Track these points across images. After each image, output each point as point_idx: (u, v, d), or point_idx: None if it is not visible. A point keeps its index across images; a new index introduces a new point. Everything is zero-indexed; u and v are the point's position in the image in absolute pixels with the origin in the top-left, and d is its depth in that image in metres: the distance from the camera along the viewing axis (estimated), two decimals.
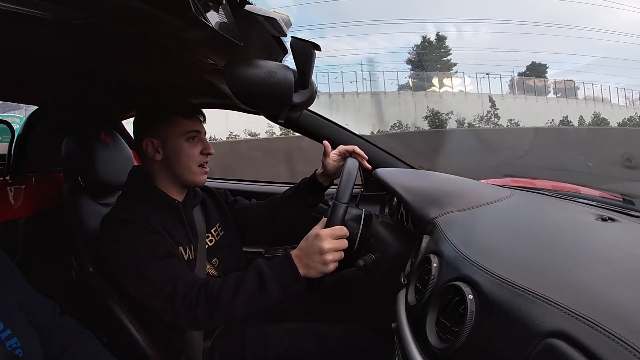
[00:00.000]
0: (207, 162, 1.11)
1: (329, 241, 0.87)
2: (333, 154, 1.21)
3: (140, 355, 1.06)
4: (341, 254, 0.89)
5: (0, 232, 1.38)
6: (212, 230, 1.18)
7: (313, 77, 0.92)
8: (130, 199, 1.06)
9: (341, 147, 1.21)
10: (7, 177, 1.50)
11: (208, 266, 1.11)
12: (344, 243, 0.89)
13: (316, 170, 1.27)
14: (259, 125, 14.54)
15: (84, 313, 1.18)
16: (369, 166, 1.18)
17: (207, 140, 1.13)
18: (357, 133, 1.61)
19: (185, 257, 1.04)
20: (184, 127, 1.06)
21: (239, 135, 14.68)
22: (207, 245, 1.14)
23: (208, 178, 1.15)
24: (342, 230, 0.89)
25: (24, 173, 1.50)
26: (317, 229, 0.90)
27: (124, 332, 1.06)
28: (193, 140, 1.08)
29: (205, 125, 1.14)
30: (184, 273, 0.95)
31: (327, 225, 0.90)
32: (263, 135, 14.50)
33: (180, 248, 1.03)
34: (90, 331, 1.00)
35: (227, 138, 14.22)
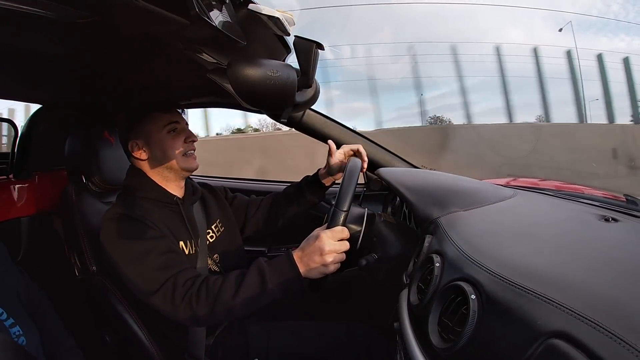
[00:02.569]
0: (193, 150, 1.12)
1: (329, 243, 0.87)
2: (338, 153, 1.21)
3: (143, 353, 1.06)
4: (342, 256, 0.89)
5: (4, 230, 1.38)
6: (213, 227, 1.19)
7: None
8: (130, 196, 1.07)
9: (346, 147, 1.21)
10: (11, 176, 1.50)
11: (209, 262, 1.12)
12: (345, 245, 0.89)
13: (319, 169, 1.27)
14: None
15: (87, 311, 1.19)
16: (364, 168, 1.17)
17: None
18: (360, 132, 1.61)
19: (187, 252, 1.04)
20: (162, 121, 1.08)
21: None
22: (208, 242, 1.14)
23: (207, 177, 1.15)
24: (343, 232, 0.90)
25: (27, 171, 1.51)
26: (319, 230, 0.91)
27: (127, 330, 1.06)
28: (174, 132, 1.09)
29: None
30: (184, 269, 0.95)
31: (328, 227, 0.90)
32: None
33: (181, 243, 1.04)
34: (94, 329, 1.01)
35: None
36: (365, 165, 1.15)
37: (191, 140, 1.11)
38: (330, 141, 1.23)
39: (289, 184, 1.39)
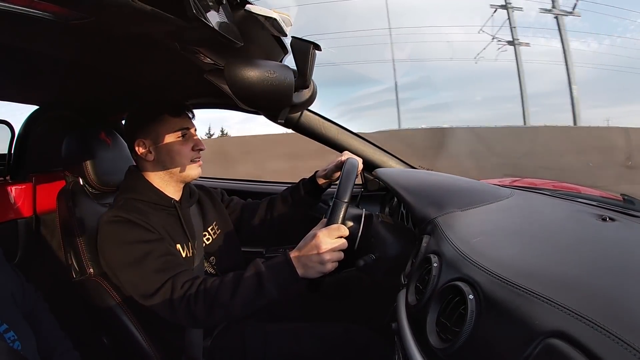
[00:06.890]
0: (199, 157, 1.12)
1: (326, 241, 0.87)
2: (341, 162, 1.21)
3: (141, 355, 1.06)
4: (340, 254, 0.89)
5: (1, 231, 1.38)
6: (209, 229, 1.19)
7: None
8: (127, 198, 1.06)
9: (347, 154, 1.21)
10: (8, 177, 1.50)
11: (206, 264, 1.12)
12: (343, 243, 0.89)
13: (317, 171, 1.27)
14: None
15: (84, 313, 1.18)
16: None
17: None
18: (357, 133, 1.61)
19: (184, 255, 1.04)
20: (174, 125, 1.07)
21: None
22: (204, 244, 1.14)
23: (204, 178, 1.15)
24: (340, 229, 0.89)
25: (24, 173, 1.51)
26: (316, 229, 0.91)
27: (125, 332, 1.06)
28: (184, 138, 1.08)
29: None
30: (182, 272, 0.95)
31: (327, 224, 0.90)
32: None
33: (178, 246, 1.04)
34: (91, 331, 1.01)
35: None
36: (361, 166, 1.16)
37: (199, 148, 1.11)
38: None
39: (285, 185, 1.39)
